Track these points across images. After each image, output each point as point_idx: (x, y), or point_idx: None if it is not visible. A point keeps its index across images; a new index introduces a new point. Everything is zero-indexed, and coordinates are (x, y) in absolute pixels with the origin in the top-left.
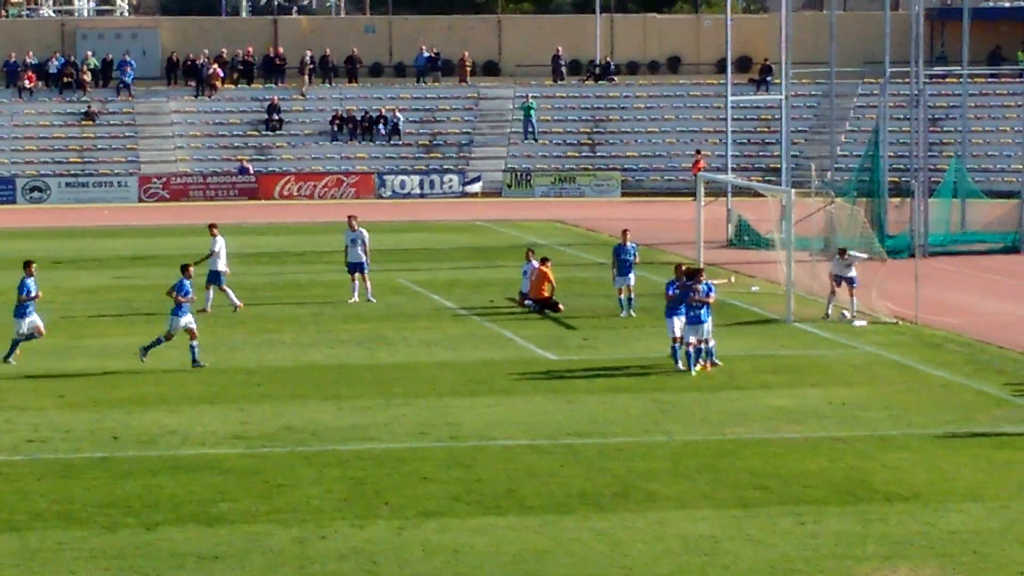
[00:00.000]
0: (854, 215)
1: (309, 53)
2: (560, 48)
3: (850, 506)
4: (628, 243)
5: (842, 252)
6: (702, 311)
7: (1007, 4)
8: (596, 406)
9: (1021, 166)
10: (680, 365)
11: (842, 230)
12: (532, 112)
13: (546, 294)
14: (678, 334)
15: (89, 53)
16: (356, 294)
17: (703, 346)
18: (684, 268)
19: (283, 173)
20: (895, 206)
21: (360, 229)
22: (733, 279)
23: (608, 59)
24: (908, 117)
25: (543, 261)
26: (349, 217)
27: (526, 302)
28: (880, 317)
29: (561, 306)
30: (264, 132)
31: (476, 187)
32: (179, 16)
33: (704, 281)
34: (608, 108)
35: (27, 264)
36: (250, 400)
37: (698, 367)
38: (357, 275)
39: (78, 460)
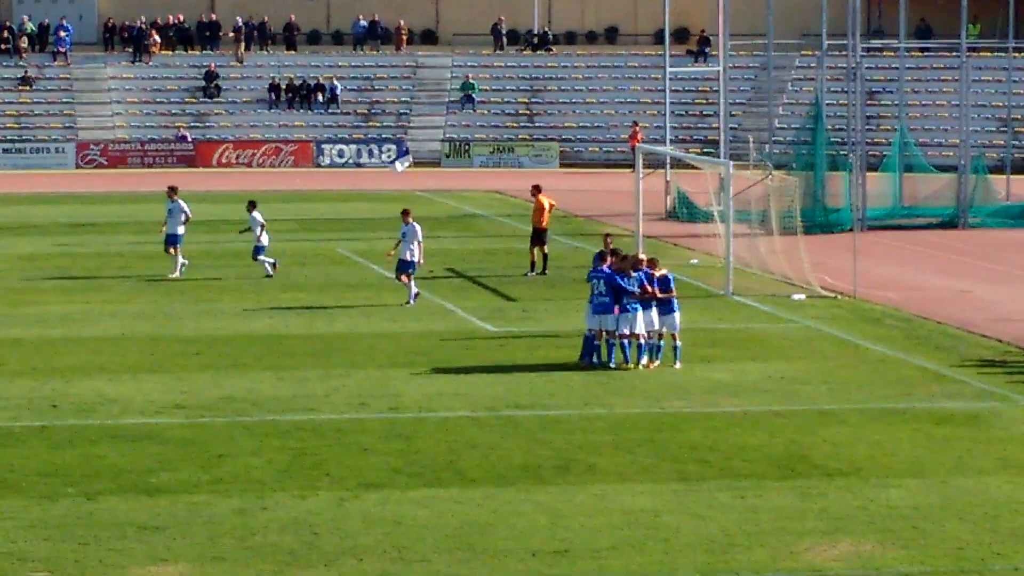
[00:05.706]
0: (787, 187)
1: (243, 19)
2: (500, 17)
3: (790, 481)
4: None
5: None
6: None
7: None
8: (536, 378)
9: (958, 140)
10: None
11: (777, 203)
12: (473, 89)
13: (544, 225)
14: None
15: (25, 18)
16: (179, 270)
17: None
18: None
19: (221, 141)
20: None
21: (178, 200)
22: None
23: (546, 29)
24: (845, 90)
25: (538, 189)
26: (168, 188)
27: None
28: None
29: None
30: (202, 99)
31: (403, 165)
32: None
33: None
34: (546, 78)
35: None
36: (190, 369)
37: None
38: (171, 248)
39: (17, 429)
